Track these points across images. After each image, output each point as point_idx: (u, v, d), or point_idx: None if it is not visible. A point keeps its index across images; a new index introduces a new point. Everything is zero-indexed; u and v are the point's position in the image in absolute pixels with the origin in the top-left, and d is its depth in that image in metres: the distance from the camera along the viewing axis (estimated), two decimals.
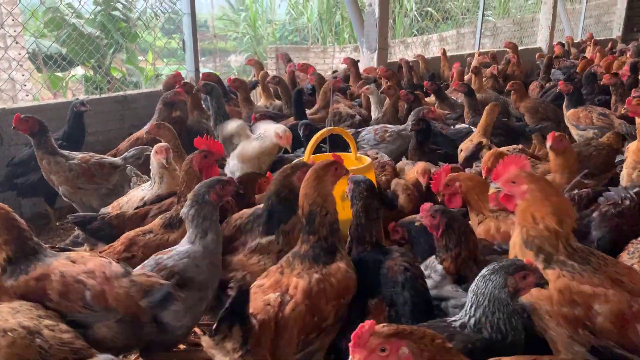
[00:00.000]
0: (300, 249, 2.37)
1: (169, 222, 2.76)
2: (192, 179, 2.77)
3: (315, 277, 2.22)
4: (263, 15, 21.65)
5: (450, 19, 18.62)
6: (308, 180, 2.43)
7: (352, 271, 2.35)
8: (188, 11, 5.87)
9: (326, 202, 2.39)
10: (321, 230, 2.34)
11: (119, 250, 2.70)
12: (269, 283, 2.27)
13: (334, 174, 2.51)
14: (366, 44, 8.17)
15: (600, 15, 16.23)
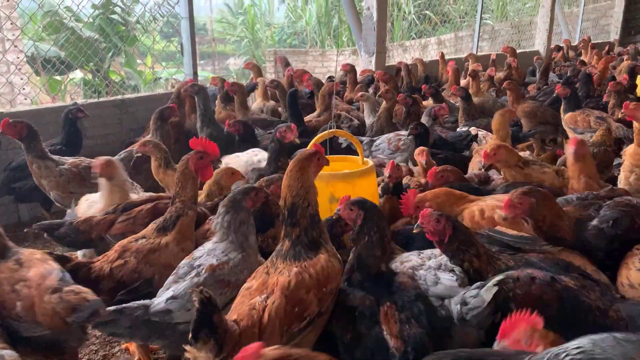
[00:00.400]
0: (282, 247, 2.36)
1: (163, 225, 2.74)
2: (188, 179, 2.77)
3: (294, 271, 2.23)
4: (261, 19, 21.69)
5: (448, 22, 18.67)
6: (291, 171, 2.41)
7: (334, 260, 2.34)
8: (186, 15, 5.88)
9: (308, 194, 2.37)
10: (302, 222, 2.33)
11: (112, 258, 2.68)
12: (256, 285, 2.26)
13: (317, 164, 2.49)
14: (364, 47, 8.19)
15: (598, 18, 16.28)
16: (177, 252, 2.68)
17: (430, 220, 2.52)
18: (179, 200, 2.74)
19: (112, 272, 2.61)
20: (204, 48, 25.98)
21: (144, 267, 2.62)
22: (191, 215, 2.77)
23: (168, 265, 2.63)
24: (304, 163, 2.42)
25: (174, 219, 2.72)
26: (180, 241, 2.71)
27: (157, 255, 2.64)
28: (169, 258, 2.65)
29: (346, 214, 2.53)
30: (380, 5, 7.84)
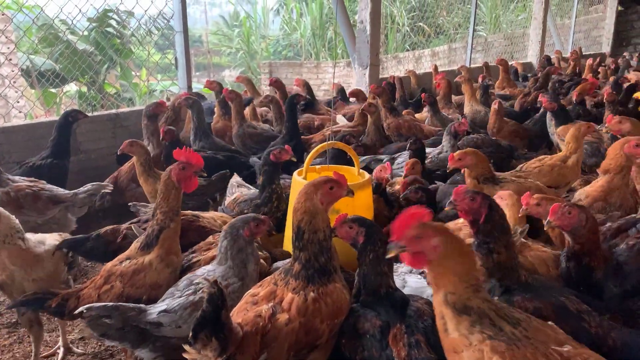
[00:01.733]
0: (292, 268, 2.30)
1: (146, 241, 2.66)
2: (170, 190, 2.68)
3: (311, 296, 2.18)
4: (256, 31, 21.81)
5: (442, 34, 18.83)
6: (299, 195, 2.36)
7: (346, 292, 2.31)
8: (180, 29, 5.91)
9: (315, 220, 2.29)
10: (310, 247, 2.27)
11: (99, 283, 2.63)
12: (263, 292, 2.24)
13: (327, 193, 2.37)
14: (358, 60, 8.24)
15: (590, 30, 16.46)
16: (162, 268, 2.61)
17: (464, 198, 2.34)
18: (160, 212, 2.66)
19: (100, 298, 2.55)
20: (199, 60, 26.10)
21: (131, 290, 2.55)
22: (174, 227, 2.68)
23: (155, 285, 2.58)
24: (310, 189, 2.35)
25: (156, 232, 2.64)
26: (165, 257, 2.63)
27: (143, 276, 2.58)
28: (154, 277, 2.59)
29: (344, 232, 2.41)
30: (373, 19, 7.90)
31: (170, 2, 5.92)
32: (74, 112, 4.83)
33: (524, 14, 17.93)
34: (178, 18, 5.91)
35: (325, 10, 18.63)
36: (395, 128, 5.99)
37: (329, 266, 2.30)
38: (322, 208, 2.34)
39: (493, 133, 5.85)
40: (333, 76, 4.77)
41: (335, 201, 2.44)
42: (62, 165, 4.57)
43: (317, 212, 2.31)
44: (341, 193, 2.44)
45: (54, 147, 4.67)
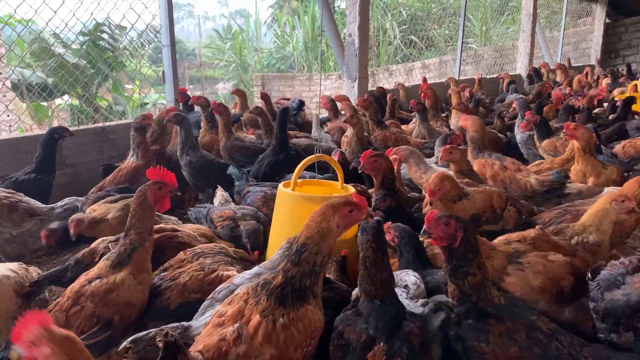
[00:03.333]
0: (273, 280, 2.20)
1: (117, 260, 2.62)
2: (145, 210, 2.67)
3: (280, 322, 2.07)
4: (249, 44, 21.96)
5: (433, 47, 19.01)
6: (315, 212, 2.26)
7: (320, 313, 2.21)
8: (168, 43, 5.93)
9: (323, 242, 2.20)
10: (303, 265, 2.17)
11: (67, 306, 2.53)
12: (230, 312, 2.13)
13: (346, 216, 2.25)
14: (347, 73, 8.30)
15: (578, 42, 16.65)
16: (134, 286, 2.58)
17: (438, 224, 2.26)
18: (135, 232, 2.62)
19: (69, 321, 2.48)
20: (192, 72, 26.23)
21: (103, 310, 2.48)
22: (147, 246, 2.66)
23: (127, 304, 2.55)
24: (328, 210, 2.24)
25: (128, 251, 2.60)
26: (137, 274, 2.60)
27: (115, 295, 2.53)
28: (127, 296, 2.55)
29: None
30: (361, 32, 7.97)
31: (158, 16, 5.95)
32: (60, 129, 4.81)
33: (513, 27, 18.12)
34: (165, 32, 5.94)
35: (317, 23, 18.79)
36: (382, 140, 6.02)
37: (309, 290, 2.19)
38: (336, 231, 2.24)
39: None
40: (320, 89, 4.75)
41: (352, 226, 2.32)
42: (45, 181, 4.54)
43: (329, 235, 2.21)
44: (360, 217, 2.31)
45: (39, 162, 4.64)
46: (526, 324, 2.18)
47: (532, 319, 2.21)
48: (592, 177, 4.39)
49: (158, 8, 5.91)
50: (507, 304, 2.28)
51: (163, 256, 3.02)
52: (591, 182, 4.39)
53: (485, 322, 2.19)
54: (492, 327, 2.17)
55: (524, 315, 2.24)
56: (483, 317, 2.20)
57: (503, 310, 2.24)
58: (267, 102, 7.33)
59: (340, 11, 18.56)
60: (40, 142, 4.73)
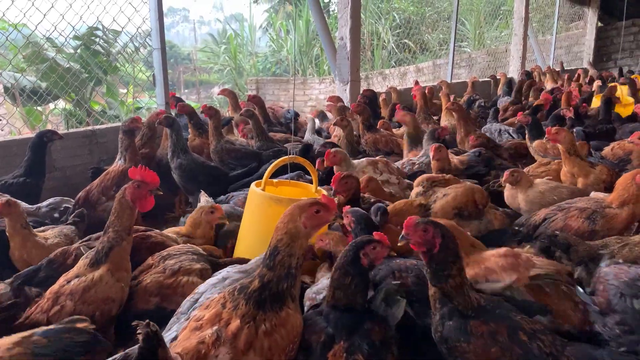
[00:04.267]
0: (250, 285, 2.16)
1: (95, 258, 2.63)
2: (125, 209, 2.67)
3: (263, 329, 2.03)
4: (244, 48, 21.99)
5: (427, 51, 19.08)
6: (284, 214, 2.25)
7: (299, 317, 2.19)
8: (158, 46, 5.93)
9: (294, 244, 2.18)
10: (278, 269, 2.15)
11: (47, 307, 2.55)
12: (208, 315, 2.10)
13: (313, 217, 2.22)
14: (339, 76, 8.32)
15: (571, 45, 16.75)
16: (113, 283, 2.60)
17: (417, 230, 2.29)
18: (113, 230, 2.64)
19: (50, 321, 2.48)
20: (188, 77, 26.23)
21: (83, 307, 2.51)
22: (125, 246, 2.67)
23: (107, 299, 2.57)
24: (295, 211, 2.22)
25: (106, 250, 2.63)
26: (115, 272, 2.61)
27: (94, 292, 2.55)
28: (105, 291, 2.57)
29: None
30: (353, 35, 7.99)
31: (148, 20, 5.96)
32: (49, 132, 4.80)
33: (506, 30, 18.23)
34: (156, 35, 5.94)
35: (311, 27, 18.83)
36: (372, 143, 6.04)
37: (287, 293, 2.16)
38: (304, 232, 2.21)
39: (461, 139, 6.12)
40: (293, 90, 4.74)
41: (321, 226, 2.30)
42: (34, 185, 4.54)
43: (298, 235, 2.19)
44: (328, 217, 2.29)
45: (28, 166, 4.64)
46: (509, 325, 2.19)
47: (515, 320, 2.23)
48: (581, 178, 4.41)
49: (148, 11, 5.91)
50: (486, 304, 2.29)
51: (138, 256, 3.02)
52: (580, 182, 4.41)
53: (467, 322, 2.21)
54: (475, 328, 2.19)
55: (506, 316, 2.25)
56: (465, 317, 2.23)
57: (485, 311, 2.26)
58: (259, 104, 7.32)
59: (334, 15, 18.61)
60: (29, 146, 4.72)
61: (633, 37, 16.09)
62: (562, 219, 3.45)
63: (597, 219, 3.35)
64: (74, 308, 2.52)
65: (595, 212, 3.38)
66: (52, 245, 3.41)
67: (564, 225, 3.41)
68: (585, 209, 3.42)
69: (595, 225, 3.33)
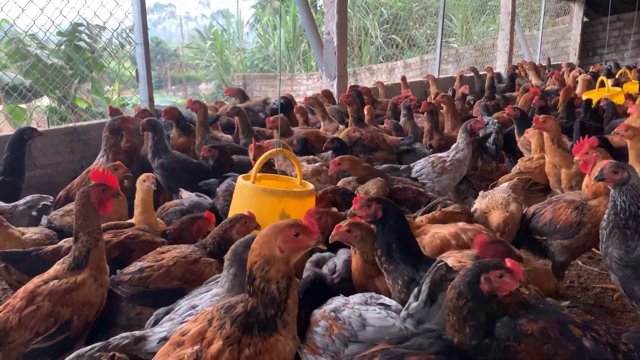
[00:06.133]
0: (236, 306, 2.00)
1: (75, 263, 2.58)
2: (90, 211, 2.63)
3: (245, 354, 1.88)
4: (231, 44, 21.85)
5: (415, 46, 19.09)
6: (260, 234, 2.06)
7: (292, 344, 2.03)
8: (141, 41, 5.84)
9: (269, 267, 1.96)
10: (260, 296, 1.96)
11: (20, 306, 2.45)
12: (193, 331, 1.98)
13: (290, 240, 1.99)
14: (326, 71, 8.27)
15: (557, 40, 16.83)
16: (95, 288, 2.56)
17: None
18: (84, 233, 2.59)
19: (22, 322, 2.41)
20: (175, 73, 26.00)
21: (61, 309, 2.44)
22: (101, 246, 2.65)
23: (87, 303, 2.52)
24: (270, 232, 2.01)
25: (84, 253, 2.57)
26: (98, 276, 2.58)
27: (75, 294, 2.49)
28: (87, 295, 2.52)
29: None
30: (340, 30, 7.94)
31: (131, 14, 5.86)
32: (29, 129, 4.72)
33: (493, 26, 18.28)
34: (138, 30, 5.84)
35: (298, 23, 18.75)
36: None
37: (277, 320, 1.97)
38: (280, 256, 1.98)
39: (448, 130, 6.16)
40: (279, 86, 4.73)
41: (300, 251, 2.07)
42: (13, 183, 4.45)
43: (272, 260, 1.97)
44: (308, 243, 2.05)
45: (7, 165, 4.56)
46: (558, 320, 2.16)
47: (563, 314, 2.22)
48: (564, 168, 4.42)
49: (131, 5, 5.81)
50: (529, 299, 2.29)
51: (130, 259, 2.98)
52: (563, 174, 4.41)
53: (516, 321, 2.18)
54: (524, 326, 2.16)
55: (553, 310, 2.25)
56: (512, 316, 2.20)
57: (530, 307, 2.25)
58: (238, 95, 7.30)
59: (321, 10, 18.54)
60: (9, 144, 4.62)
61: (618, 32, 16.20)
62: (550, 210, 3.49)
63: (584, 210, 3.39)
64: (51, 309, 2.44)
65: (582, 204, 3.43)
66: (29, 240, 3.36)
67: (553, 217, 3.44)
68: (573, 201, 3.46)
69: (584, 217, 3.36)
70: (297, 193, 3.40)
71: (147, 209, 3.60)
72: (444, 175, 4.61)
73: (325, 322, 2.29)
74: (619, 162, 3.00)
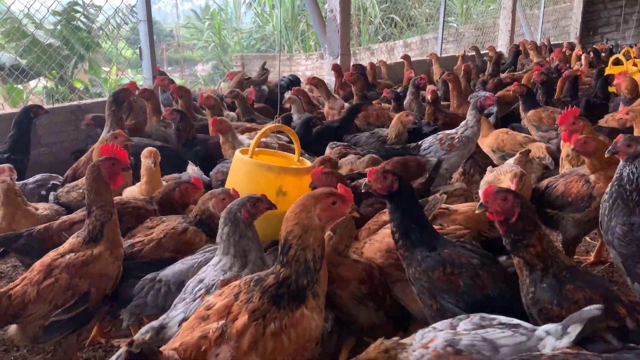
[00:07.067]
0: (266, 278, 2.00)
1: (89, 237, 2.59)
2: (101, 185, 2.64)
3: (271, 329, 1.88)
4: (228, 24, 21.58)
5: (414, 26, 18.92)
6: (296, 203, 2.06)
7: (318, 318, 2.01)
8: (144, 18, 5.76)
9: (306, 235, 1.99)
10: (294, 265, 1.98)
11: (38, 279, 2.45)
12: (218, 305, 1.95)
13: (328, 209, 2.04)
14: (329, 50, 8.19)
15: (558, 19, 16.69)
16: (112, 261, 2.58)
17: (495, 199, 2.28)
18: (97, 207, 2.60)
19: (41, 294, 2.42)
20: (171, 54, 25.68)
21: (79, 282, 2.47)
22: (115, 219, 2.65)
23: (104, 275, 2.54)
24: (309, 201, 2.03)
25: (99, 227, 2.58)
26: (113, 250, 2.60)
27: (92, 266, 2.51)
28: (104, 268, 2.54)
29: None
30: (343, 7, 7.84)
31: None
32: (35, 107, 4.72)
33: (494, 5, 18.12)
34: (141, 6, 5.77)
35: (297, 2, 18.53)
36: (363, 117, 5.97)
37: (308, 291, 1.99)
38: (318, 224, 2.02)
39: (454, 108, 6.19)
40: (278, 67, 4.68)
41: (336, 219, 2.12)
42: (19, 161, 4.44)
43: (311, 227, 2.00)
44: (344, 211, 2.10)
45: (13, 142, 4.58)
46: (606, 295, 2.15)
47: (612, 289, 2.21)
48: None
49: None
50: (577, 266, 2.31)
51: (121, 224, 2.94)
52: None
53: (562, 285, 2.19)
54: (570, 293, 2.17)
55: (603, 284, 2.26)
56: (559, 280, 2.21)
57: (578, 277, 2.24)
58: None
59: None
60: (15, 121, 4.61)
61: (620, 11, 16.05)
62: (562, 183, 3.52)
63: (592, 185, 3.40)
64: (69, 281, 2.45)
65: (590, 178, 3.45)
66: (41, 216, 3.39)
67: (565, 190, 3.46)
68: (584, 175, 3.47)
69: (593, 191, 3.37)
70: (295, 170, 3.38)
71: (153, 179, 3.64)
72: (452, 152, 4.55)
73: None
74: (632, 135, 2.99)
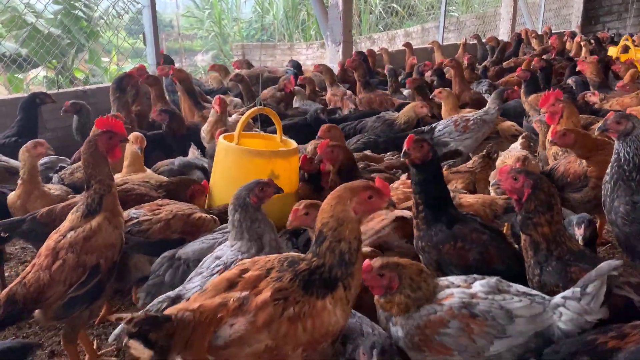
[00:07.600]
0: (300, 263, 1.98)
1: (88, 210, 2.58)
2: (99, 159, 2.61)
3: (288, 313, 1.86)
4: (228, 14, 21.48)
5: (415, 15, 18.86)
6: (331, 195, 2.03)
7: (340, 314, 1.96)
8: (148, 3, 5.76)
9: (342, 228, 1.95)
10: (327, 255, 1.94)
11: (47, 263, 2.46)
12: (249, 275, 1.96)
13: (364, 202, 1.99)
14: (331, 37, 8.20)
15: (560, 8, 16.65)
16: (112, 230, 2.58)
17: (507, 178, 2.37)
18: (96, 181, 2.59)
19: (53, 277, 2.44)
20: (171, 44, 25.58)
21: (87, 257, 2.49)
22: (114, 192, 2.65)
23: (108, 245, 2.56)
24: (345, 193, 1.99)
25: (97, 200, 2.58)
26: (112, 219, 2.60)
27: (95, 240, 2.52)
28: (106, 238, 2.55)
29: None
30: None
31: None
32: (42, 94, 4.80)
33: None
34: None
35: None
36: (367, 103, 6.01)
37: (340, 282, 1.95)
38: (353, 218, 1.98)
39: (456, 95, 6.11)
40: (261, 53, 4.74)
41: (371, 213, 2.11)
42: None
43: (346, 220, 1.96)
44: (380, 205, 2.06)
45: (20, 126, 4.65)
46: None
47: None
48: None
49: None
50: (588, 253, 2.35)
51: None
52: None
53: (567, 268, 2.24)
54: (575, 274, 2.21)
55: None
56: (564, 263, 2.27)
57: (584, 259, 2.28)
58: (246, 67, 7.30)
59: None
60: (21, 106, 4.67)
61: (622, 0, 16.02)
62: (563, 164, 3.62)
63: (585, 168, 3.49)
64: (77, 259, 2.47)
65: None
66: (54, 196, 3.43)
67: (564, 170, 3.57)
68: None
69: (587, 172, 3.46)
70: (285, 152, 3.49)
71: (135, 163, 3.71)
72: (466, 134, 4.63)
73: (457, 321, 2.09)
74: (622, 112, 3.01)
